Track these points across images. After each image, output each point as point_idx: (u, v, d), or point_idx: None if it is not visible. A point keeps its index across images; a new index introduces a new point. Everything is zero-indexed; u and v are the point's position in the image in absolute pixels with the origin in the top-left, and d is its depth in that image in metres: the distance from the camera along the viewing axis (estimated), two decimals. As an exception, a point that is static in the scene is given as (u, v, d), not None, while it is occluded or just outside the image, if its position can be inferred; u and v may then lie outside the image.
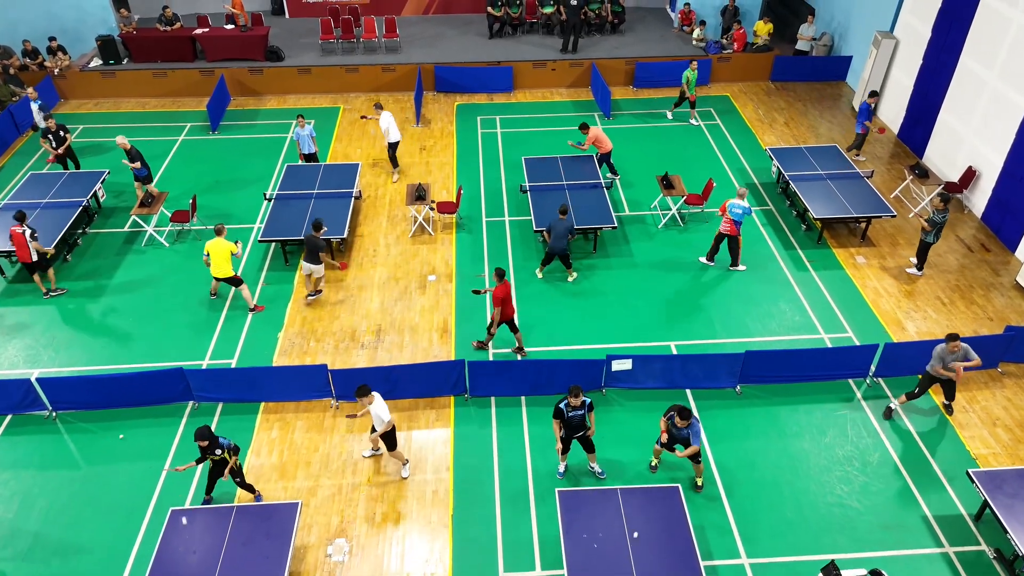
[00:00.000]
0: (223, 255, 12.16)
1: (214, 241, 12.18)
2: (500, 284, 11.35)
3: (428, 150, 17.83)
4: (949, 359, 10.28)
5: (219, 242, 12.14)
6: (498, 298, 11.37)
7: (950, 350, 10.21)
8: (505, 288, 11.36)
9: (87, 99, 19.90)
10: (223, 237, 12.20)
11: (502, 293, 11.34)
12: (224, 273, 12.33)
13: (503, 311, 11.56)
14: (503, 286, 11.35)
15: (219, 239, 12.16)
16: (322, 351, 12.26)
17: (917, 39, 17.14)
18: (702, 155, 17.53)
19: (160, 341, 12.36)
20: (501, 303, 11.42)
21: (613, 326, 12.66)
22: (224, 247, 12.14)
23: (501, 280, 11.34)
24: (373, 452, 10.54)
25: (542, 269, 13.65)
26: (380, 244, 14.69)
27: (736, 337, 12.42)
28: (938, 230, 13.08)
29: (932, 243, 13.29)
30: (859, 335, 12.45)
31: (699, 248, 14.44)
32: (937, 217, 12.93)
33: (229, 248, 12.15)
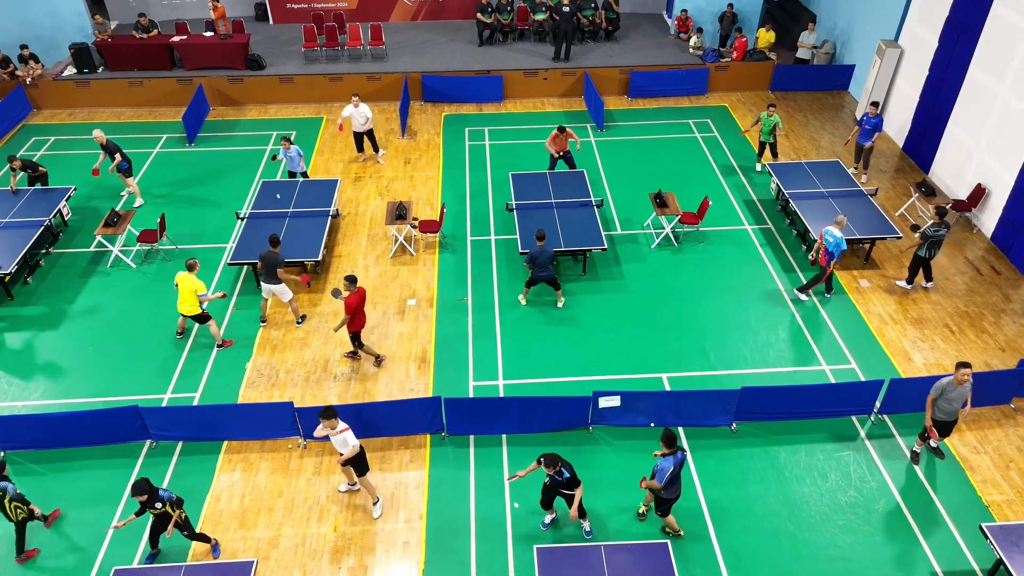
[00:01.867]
0: (189, 290, 11.37)
1: (183, 275, 11.37)
2: (354, 291, 10.84)
3: (413, 163, 17.11)
4: (952, 392, 9.46)
5: (188, 278, 11.33)
6: (350, 306, 10.81)
7: (957, 380, 9.35)
8: (360, 296, 10.83)
9: (60, 109, 19.18)
10: (194, 274, 11.41)
11: (355, 301, 10.81)
12: (190, 310, 11.55)
13: (354, 321, 11.00)
14: (357, 293, 10.84)
15: (188, 275, 11.35)
16: (292, 383, 11.53)
17: (923, 49, 16.40)
18: (698, 169, 16.80)
19: (120, 373, 11.62)
20: (353, 312, 10.87)
21: (602, 356, 11.93)
22: (191, 285, 11.35)
23: (354, 286, 10.84)
24: (350, 487, 9.82)
25: (526, 294, 12.92)
26: (359, 265, 13.96)
27: (732, 369, 11.69)
28: (932, 245, 12.38)
29: (926, 257, 12.60)
30: (863, 367, 11.71)
31: (694, 270, 13.71)
32: (930, 231, 12.24)
33: (195, 287, 11.36)
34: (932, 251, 12.50)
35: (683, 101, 19.72)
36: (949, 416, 9.63)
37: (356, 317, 11.07)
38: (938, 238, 12.31)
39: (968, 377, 9.31)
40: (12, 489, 8.64)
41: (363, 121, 16.20)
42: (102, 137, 14.76)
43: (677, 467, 8.48)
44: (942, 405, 9.58)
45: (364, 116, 16.14)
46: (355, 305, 10.86)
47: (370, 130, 16.53)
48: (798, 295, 12.97)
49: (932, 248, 12.45)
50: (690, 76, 19.63)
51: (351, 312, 10.88)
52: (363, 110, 16.09)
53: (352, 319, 11.02)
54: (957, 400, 9.44)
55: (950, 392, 9.44)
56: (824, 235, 12.30)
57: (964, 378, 9.31)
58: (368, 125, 16.36)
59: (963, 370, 9.27)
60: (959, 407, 9.52)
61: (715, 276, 13.58)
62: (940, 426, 9.76)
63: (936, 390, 9.53)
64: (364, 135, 16.61)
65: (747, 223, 14.99)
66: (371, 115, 16.25)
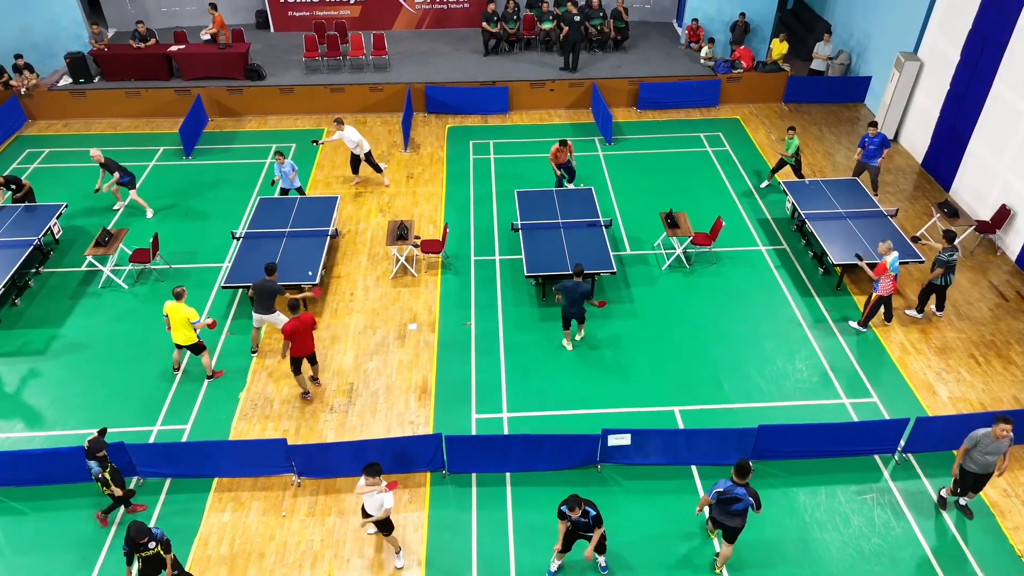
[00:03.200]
0: (181, 319, 10.89)
1: (172, 305, 10.86)
2: (292, 318, 10.39)
3: (416, 178, 16.60)
4: (989, 446, 8.77)
5: (177, 307, 10.84)
6: (287, 332, 10.39)
7: (996, 435, 8.67)
8: (300, 322, 10.36)
9: (56, 120, 18.74)
10: (183, 301, 10.91)
11: (291, 327, 10.35)
12: (185, 340, 11.06)
13: (296, 346, 10.57)
14: (298, 319, 10.37)
15: (177, 303, 10.85)
16: (287, 415, 11.03)
17: (944, 62, 15.83)
18: (709, 185, 16.26)
19: (108, 403, 11.14)
20: (291, 337, 10.43)
21: (611, 386, 11.41)
22: (183, 314, 10.86)
23: (295, 313, 10.38)
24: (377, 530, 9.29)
25: (569, 338, 12.07)
26: (358, 287, 13.46)
27: (748, 401, 11.15)
28: (947, 271, 11.83)
29: (941, 285, 12.02)
30: (885, 401, 11.15)
31: (706, 293, 13.18)
32: (943, 256, 11.67)
33: (187, 315, 10.88)
34: (948, 278, 11.93)
35: (693, 113, 19.19)
36: (983, 469, 8.92)
37: (297, 343, 10.58)
38: (952, 264, 11.76)
39: (1008, 434, 8.56)
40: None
41: (352, 145, 15.40)
42: (99, 156, 14.42)
43: (733, 496, 8.14)
44: (976, 457, 8.88)
45: (351, 140, 15.29)
46: (291, 331, 10.40)
47: (367, 153, 15.65)
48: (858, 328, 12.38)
49: (948, 275, 11.88)
50: (701, 87, 19.09)
51: (288, 338, 10.47)
52: (348, 133, 15.25)
53: (293, 344, 10.59)
54: (993, 454, 8.76)
55: (986, 445, 8.73)
56: (890, 265, 11.55)
57: (1003, 434, 8.56)
58: (362, 148, 15.50)
59: (1003, 426, 8.52)
60: (994, 461, 8.89)
61: (728, 300, 13.05)
62: (972, 479, 9.11)
63: (971, 441, 8.84)
64: (361, 158, 15.78)
65: (761, 243, 14.45)
66: (359, 138, 15.33)
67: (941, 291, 12.25)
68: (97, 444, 8.82)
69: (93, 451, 8.82)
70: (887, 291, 11.86)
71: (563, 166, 15.22)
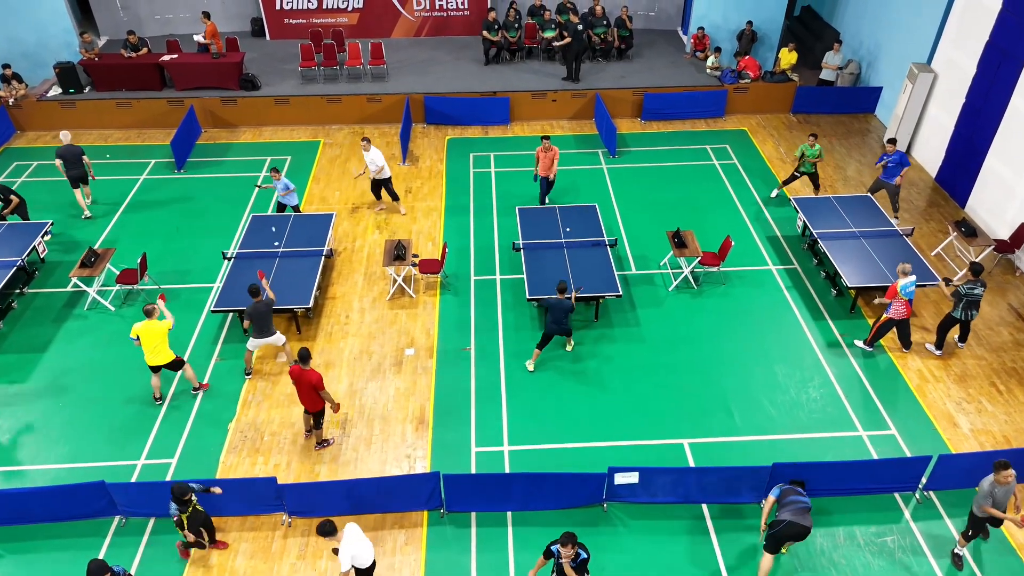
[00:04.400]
0: (157, 338, 10.38)
1: (144, 325, 10.32)
2: (295, 364, 9.64)
3: (414, 193, 16.11)
4: (999, 492, 8.35)
5: (150, 325, 10.33)
6: (293, 375, 9.68)
7: (1000, 481, 8.25)
8: (299, 376, 9.56)
9: (45, 131, 18.26)
10: (155, 318, 10.40)
11: (294, 375, 9.62)
12: (161, 359, 10.58)
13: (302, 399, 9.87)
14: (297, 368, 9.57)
15: (149, 321, 10.32)
16: (277, 447, 10.54)
17: (959, 74, 15.33)
18: (717, 200, 15.77)
19: (91, 434, 10.65)
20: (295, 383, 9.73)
21: (616, 416, 10.92)
22: (157, 329, 10.35)
23: (304, 363, 9.54)
24: None
25: (536, 357, 11.64)
26: (354, 308, 12.98)
27: (760, 433, 10.66)
28: (968, 305, 11.27)
29: (960, 319, 11.47)
30: (904, 433, 10.66)
31: (715, 316, 12.69)
32: (964, 289, 11.13)
33: (163, 328, 10.37)
34: (969, 312, 11.33)
35: (700, 124, 18.70)
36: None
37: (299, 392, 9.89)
38: (974, 298, 11.20)
39: (1011, 479, 8.24)
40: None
41: (374, 169, 14.51)
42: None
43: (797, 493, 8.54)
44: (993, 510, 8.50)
45: (375, 163, 14.45)
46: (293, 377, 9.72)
47: (387, 179, 14.82)
48: (863, 347, 11.95)
49: (969, 308, 11.32)
50: (707, 98, 18.61)
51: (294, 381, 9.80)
52: (374, 156, 14.35)
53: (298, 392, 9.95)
54: (1003, 499, 8.37)
55: (996, 495, 8.36)
56: (901, 290, 11.09)
57: (1007, 480, 8.24)
58: (382, 173, 14.61)
59: (1005, 472, 8.20)
60: (1006, 503, 8.43)
61: (738, 323, 12.56)
62: (984, 521, 8.69)
63: (984, 497, 8.42)
64: (381, 183, 14.98)
65: (771, 262, 13.96)
66: (383, 162, 14.44)
67: (964, 324, 11.70)
68: (181, 489, 8.29)
69: (177, 495, 8.28)
70: (899, 315, 11.38)
71: (546, 179, 14.69)
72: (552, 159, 14.60)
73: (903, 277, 11.12)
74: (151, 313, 10.30)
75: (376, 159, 14.48)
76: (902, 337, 11.80)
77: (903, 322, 11.53)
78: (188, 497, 8.36)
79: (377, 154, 14.50)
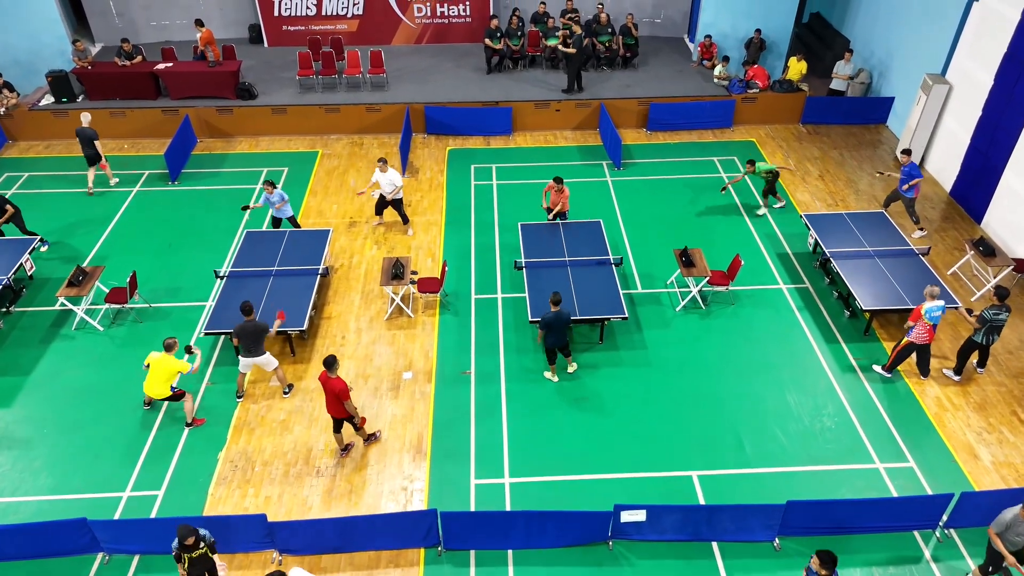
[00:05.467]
0: (165, 374, 10.01)
1: (160, 357, 10.00)
2: (324, 372, 9.59)
3: (414, 207, 15.69)
4: (1020, 526, 7.94)
5: (165, 359, 9.96)
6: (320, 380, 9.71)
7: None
8: (325, 382, 9.57)
9: (37, 141, 17.87)
10: (173, 354, 10.03)
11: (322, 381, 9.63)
12: (159, 393, 10.19)
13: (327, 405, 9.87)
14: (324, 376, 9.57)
15: (166, 355, 9.97)
16: (269, 478, 10.12)
17: (975, 87, 14.88)
18: (724, 214, 15.33)
19: (76, 463, 10.23)
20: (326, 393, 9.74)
21: (622, 446, 10.48)
22: (170, 367, 9.98)
23: (330, 370, 9.49)
24: None
25: (554, 371, 11.48)
26: (350, 329, 12.56)
27: (772, 465, 10.21)
28: (991, 330, 10.81)
29: (982, 343, 11.01)
30: (923, 465, 10.21)
31: (724, 338, 12.25)
32: (988, 314, 10.66)
33: (177, 368, 10.00)
34: (991, 337, 10.90)
35: (707, 135, 18.27)
36: (1015, 547, 8.15)
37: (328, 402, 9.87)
38: (998, 323, 10.75)
39: None
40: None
41: (390, 189, 14.10)
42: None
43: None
44: (1010, 537, 8.07)
45: (391, 183, 14.03)
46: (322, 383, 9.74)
47: (398, 199, 14.40)
48: (882, 373, 11.51)
49: (991, 334, 10.88)
50: (714, 108, 18.18)
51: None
52: (391, 176, 13.96)
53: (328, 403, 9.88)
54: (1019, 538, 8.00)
55: (1017, 526, 7.97)
56: (926, 313, 10.64)
57: None
58: (397, 193, 14.22)
59: None
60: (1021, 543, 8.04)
61: (748, 346, 12.12)
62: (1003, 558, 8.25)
63: (999, 525, 8.06)
64: (390, 202, 14.52)
65: (781, 281, 13.52)
66: (400, 183, 14.11)
67: (984, 349, 11.26)
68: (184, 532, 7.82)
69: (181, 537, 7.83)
70: (921, 340, 10.93)
71: (560, 215, 13.93)
72: (564, 199, 13.78)
73: (930, 300, 10.66)
74: (170, 348, 9.99)
75: (395, 180, 14.03)
76: (921, 363, 11.35)
77: (924, 347, 11.08)
78: (191, 542, 7.83)
79: (395, 175, 14.05)
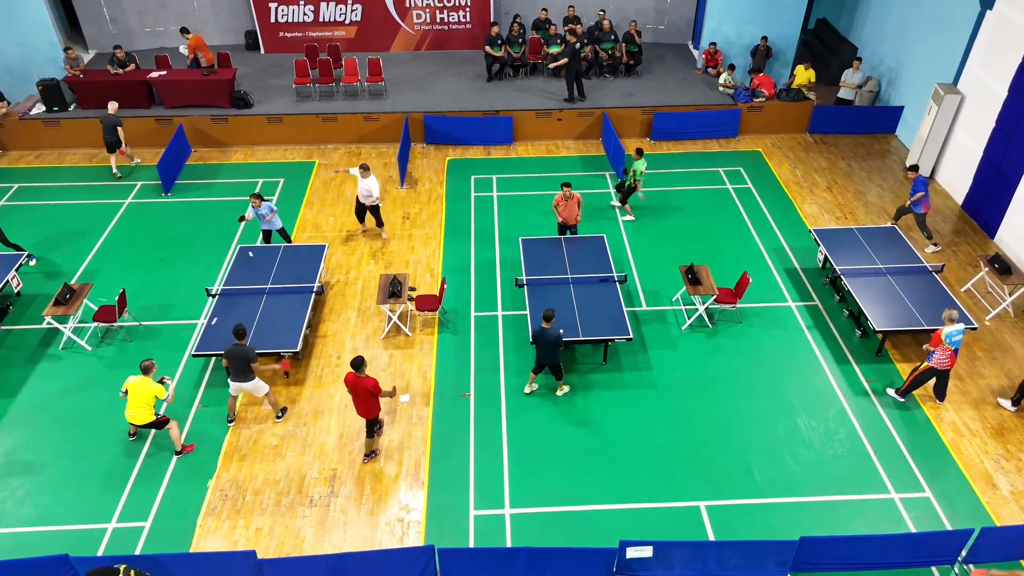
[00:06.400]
0: (144, 399, 9.64)
1: (137, 380, 9.63)
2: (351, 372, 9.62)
3: (412, 220, 15.31)
4: None
5: (143, 382, 9.59)
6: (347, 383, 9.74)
7: None
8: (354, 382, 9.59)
9: (28, 151, 17.51)
10: (151, 376, 9.66)
11: (349, 383, 9.67)
12: (142, 419, 9.83)
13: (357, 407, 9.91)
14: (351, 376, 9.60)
15: (143, 378, 9.60)
16: (260, 508, 9.74)
17: (989, 98, 14.49)
18: (731, 228, 14.95)
19: (60, 492, 9.85)
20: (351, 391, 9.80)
21: (627, 474, 10.10)
22: (148, 389, 9.61)
23: (359, 371, 9.52)
24: None
25: (532, 381, 11.22)
26: (346, 349, 12.18)
27: (783, 495, 9.83)
28: None
29: None
30: (939, 494, 9.82)
31: (731, 358, 11.87)
32: None
33: (154, 392, 9.63)
34: None
35: (712, 145, 17.89)
36: None
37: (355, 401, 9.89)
38: None
39: None
40: None
41: (364, 194, 13.84)
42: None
43: None
44: None
45: (368, 191, 13.74)
46: (349, 386, 9.74)
47: (375, 206, 14.16)
48: (896, 397, 11.13)
49: None
50: (719, 117, 17.80)
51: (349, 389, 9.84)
52: (369, 184, 13.69)
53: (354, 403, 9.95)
54: None
55: None
56: (946, 338, 10.22)
57: None
58: (373, 201, 13.95)
59: None
60: None
61: (756, 367, 11.74)
62: None
63: None
64: (368, 208, 14.26)
65: (790, 299, 13.14)
66: (377, 193, 13.86)
67: None
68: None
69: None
70: (943, 365, 10.54)
71: (571, 227, 13.54)
72: (575, 206, 13.31)
73: (949, 324, 10.27)
74: (147, 371, 9.61)
75: (372, 188, 13.76)
76: (938, 388, 10.96)
77: (943, 373, 10.69)
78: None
79: (374, 184, 13.78)
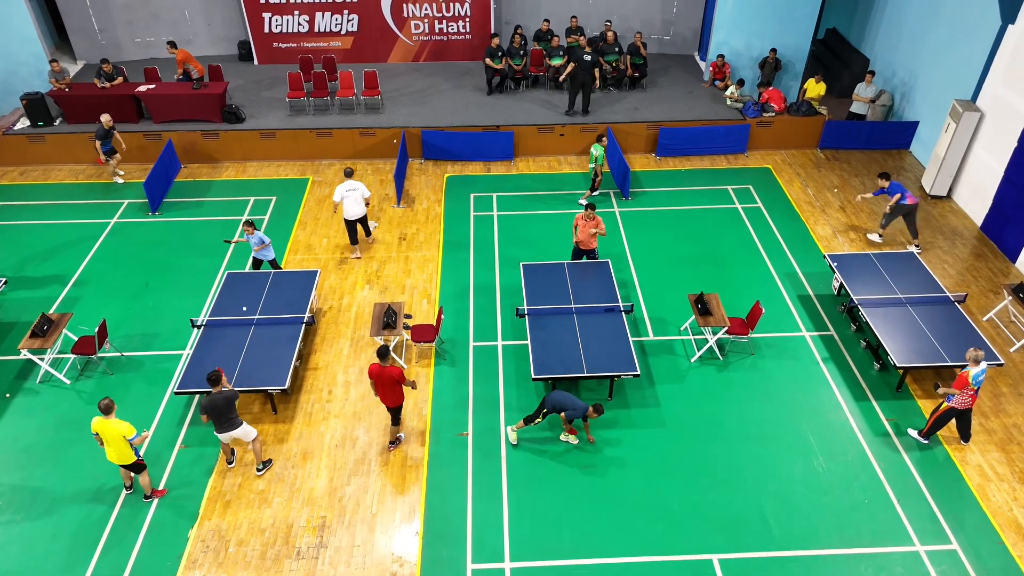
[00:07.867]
0: (115, 437, 9.06)
1: (100, 421, 9.05)
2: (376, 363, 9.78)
3: (409, 241, 14.72)
4: None
5: (106, 423, 9.01)
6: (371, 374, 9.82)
7: None
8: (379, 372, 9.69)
9: (12, 167, 16.93)
10: (113, 416, 9.07)
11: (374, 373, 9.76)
12: (121, 458, 9.25)
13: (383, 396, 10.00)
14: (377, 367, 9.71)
15: (105, 419, 9.02)
16: (244, 560, 9.14)
17: (1010, 115, 13.89)
18: (740, 250, 14.35)
19: (32, 544, 9.25)
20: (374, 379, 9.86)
21: (635, 522, 9.49)
22: (115, 430, 9.03)
23: (384, 360, 9.65)
24: None
25: (519, 427, 10.47)
26: (338, 382, 11.59)
27: (802, 548, 9.22)
28: None
29: None
30: (966, 546, 9.22)
31: (743, 394, 11.27)
32: None
33: (120, 432, 9.04)
34: None
35: (720, 161, 17.29)
36: None
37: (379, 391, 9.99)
38: None
39: None
40: None
41: (356, 199, 13.50)
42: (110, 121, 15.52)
43: None
44: None
45: (358, 193, 13.48)
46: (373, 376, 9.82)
47: (362, 217, 13.83)
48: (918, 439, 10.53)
49: None
50: (727, 133, 17.21)
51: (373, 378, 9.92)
52: (358, 185, 13.48)
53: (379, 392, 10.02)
54: None
55: None
56: (973, 379, 9.65)
57: None
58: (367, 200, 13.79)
59: None
60: None
61: (770, 404, 11.13)
62: None
63: None
64: (357, 222, 13.85)
65: (804, 328, 12.53)
66: (368, 192, 13.69)
67: None
68: None
69: None
70: (963, 405, 9.95)
71: (589, 251, 12.98)
72: (594, 227, 12.60)
73: (974, 366, 9.67)
74: (108, 410, 8.99)
75: (364, 189, 13.65)
76: (962, 428, 10.36)
77: (965, 412, 10.10)
78: None
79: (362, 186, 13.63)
